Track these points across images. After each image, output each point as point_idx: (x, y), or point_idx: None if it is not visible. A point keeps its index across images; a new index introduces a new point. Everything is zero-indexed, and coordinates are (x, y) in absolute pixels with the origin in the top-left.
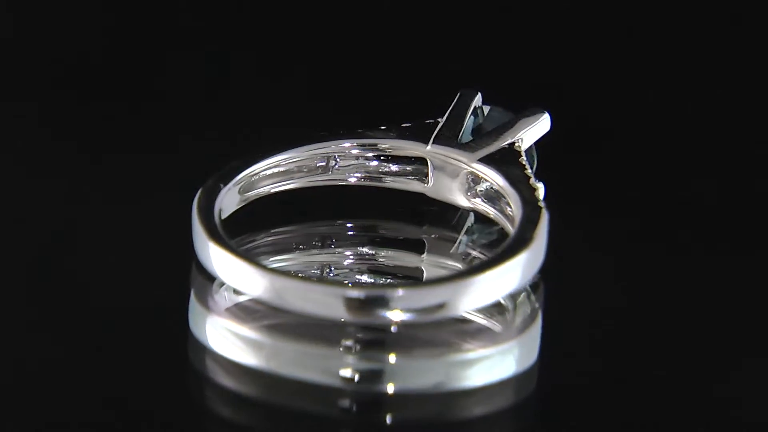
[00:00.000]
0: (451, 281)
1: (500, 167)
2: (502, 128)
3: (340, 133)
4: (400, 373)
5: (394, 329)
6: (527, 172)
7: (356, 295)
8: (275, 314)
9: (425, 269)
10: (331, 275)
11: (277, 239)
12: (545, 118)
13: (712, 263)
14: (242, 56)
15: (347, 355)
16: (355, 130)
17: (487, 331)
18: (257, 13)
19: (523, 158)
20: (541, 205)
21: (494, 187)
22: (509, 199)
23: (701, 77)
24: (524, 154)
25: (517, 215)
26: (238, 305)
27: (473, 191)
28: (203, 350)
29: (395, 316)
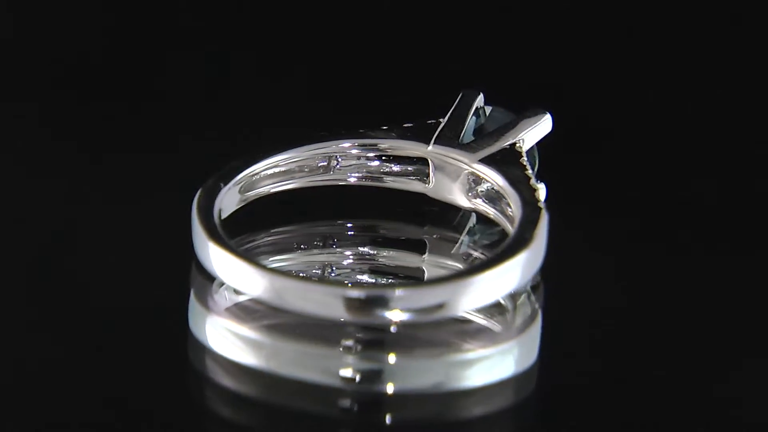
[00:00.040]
0: (450, 281)
1: (501, 168)
2: (503, 129)
3: (341, 133)
4: (399, 373)
5: (393, 329)
6: (528, 172)
7: (356, 295)
8: (275, 314)
9: (426, 270)
10: (332, 275)
11: (277, 239)
12: (547, 118)
13: (712, 263)
14: (243, 56)
15: (347, 355)
16: (356, 130)
17: (486, 331)
18: (257, 13)
19: (524, 159)
20: (540, 205)
21: (494, 187)
22: (509, 199)
23: (701, 77)
24: (525, 154)
25: (516, 216)
26: (237, 305)
27: (474, 192)
28: (203, 350)
29: (395, 316)
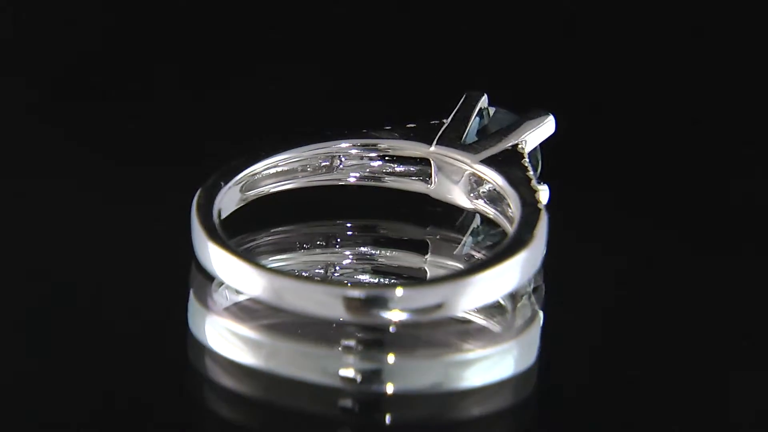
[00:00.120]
0: (449, 281)
1: (502, 168)
2: (505, 130)
3: (344, 132)
4: (399, 373)
5: (393, 329)
6: (529, 173)
7: (355, 295)
8: (274, 314)
9: (428, 270)
10: (335, 275)
11: (279, 239)
12: (550, 120)
13: (712, 263)
14: (244, 56)
15: (347, 355)
16: (359, 129)
17: (486, 331)
18: (259, 12)
19: (525, 160)
20: (540, 206)
21: (495, 188)
22: (509, 200)
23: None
24: (528, 156)
25: (516, 216)
26: (237, 305)
27: (476, 192)
28: (202, 350)
29: (394, 316)
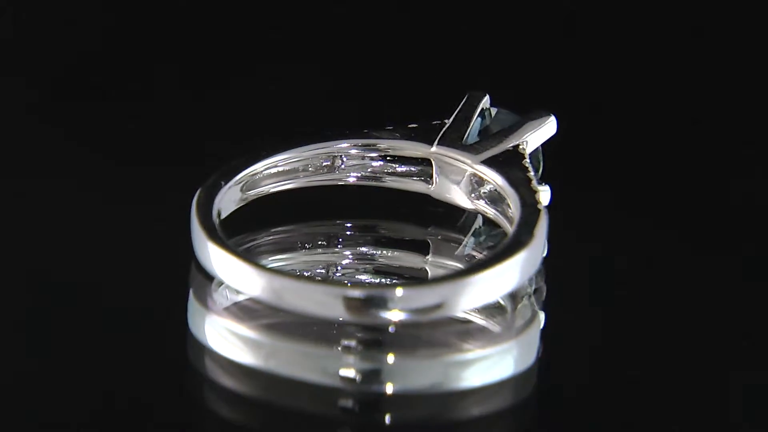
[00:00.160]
0: (448, 281)
1: (502, 169)
2: (507, 130)
3: (345, 132)
4: (398, 373)
5: (392, 329)
6: (529, 174)
7: (355, 294)
8: (274, 314)
9: (429, 270)
10: (337, 275)
11: (279, 239)
12: (551, 120)
13: (712, 263)
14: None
15: (346, 355)
16: (360, 129)
17: (486, 331)
18: (260, 12)
19: (526, 161)
20: (540, 207)
21: (496, 188)
22: (509, 200)
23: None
24: (529, 156)
25: (516, 217)
26: (237, 304)
27: (477, 193)
28: (202, 349)
29: (394, 316)
